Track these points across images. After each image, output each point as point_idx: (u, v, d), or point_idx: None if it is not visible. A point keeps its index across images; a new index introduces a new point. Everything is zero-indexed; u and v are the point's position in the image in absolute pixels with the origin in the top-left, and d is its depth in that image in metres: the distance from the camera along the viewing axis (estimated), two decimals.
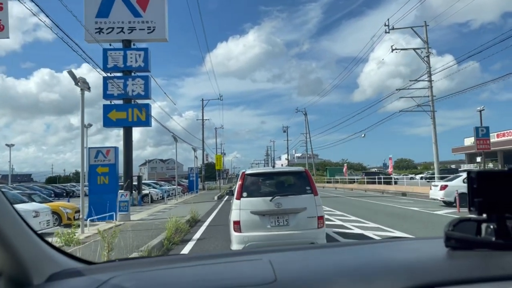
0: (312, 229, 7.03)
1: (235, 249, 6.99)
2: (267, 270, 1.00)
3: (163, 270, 1.13)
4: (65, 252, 1.26)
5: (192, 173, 43.99)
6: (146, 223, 14.37)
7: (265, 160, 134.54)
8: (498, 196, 0.94)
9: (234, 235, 7.03)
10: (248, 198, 7.12)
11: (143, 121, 26.38)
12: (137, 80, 26.44)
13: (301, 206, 7.07)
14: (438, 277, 0.84)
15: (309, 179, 7.50)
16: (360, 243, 1.52)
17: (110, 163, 16.10)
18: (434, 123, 29.06)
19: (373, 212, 16.01)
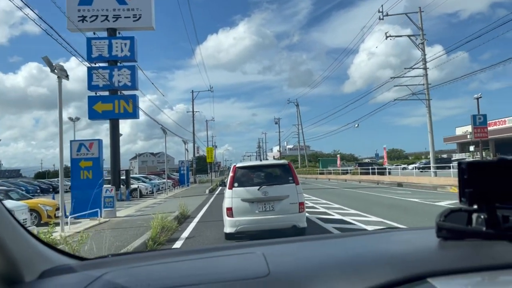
0: (294, 213, 8.20)
1: (228, 232, 8.15)
2: (261, 264, 1.00)
3: (156, 265, 1.12)
4: (57, 249, 1.26)
5: (182, 167, 43.04)
6: (133, 220, 13.53)
7: (257, 153, 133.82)
8: (488, 187, 0.94)
9: (227, 220, 8.18)
10: (239, 188, 8.25)
11: (130, 113, 25.40)
12: (123, 70, 25.40)
13: (284, 194, 8.20)
14: (430, 268, 0.84)
15: (291, 171, 8.58)
16: (352, 234, 1.51)
17: (94, 157, 15.16)
18: (429, 112, 28.42)
19: (372, 204, 15.30)
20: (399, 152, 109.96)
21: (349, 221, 10.77)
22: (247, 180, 8.58)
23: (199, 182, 54.87)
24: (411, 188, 24.16)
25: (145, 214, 15.37)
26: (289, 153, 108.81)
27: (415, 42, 28.74)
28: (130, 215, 15.47)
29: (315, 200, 17.95)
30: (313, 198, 18.78)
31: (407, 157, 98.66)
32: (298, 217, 8.22)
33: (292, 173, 8.55)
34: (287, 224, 8.17)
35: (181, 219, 12.63)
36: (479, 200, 0.96)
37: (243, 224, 8.09)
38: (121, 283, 0.97)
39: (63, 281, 1.05)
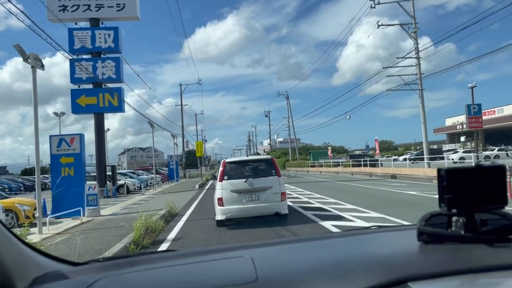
0: (277, 202, 9.32)
1: (219, 219, 9.31)
2: (249, 268, 1.01)
3: (146, 271, 1.14)
4: (48, 254, 1.26)
5: (172, 161, 42.07)
6: (117, 219, 12.73)
7: (247, 146, 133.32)
8: (466, 192, 0.96)
9: (218, 208, 9.31)
10: (228, 180, 9.35)
11: (116, 107, 24.45)
12: (107, 62, 24.39)
13: (268, 185, 9.35)
14: (410, 272, 0.86)
15: (274, 165, 9.82)
16: (337, 235, 1.59)
17: (75, 153, 14.28)
18: (422, 102, 27.89)
19: (370, 198, 14.68)
20: (389, 143, 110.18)
21: (348, 217, 10.09)
22: (235, 173, 9.64)
23: (189, 176, 53.99)
24: (406, 180, 23.66)
25: (131, 212, 14.58)
26: (280, 146, 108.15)
27: (408, 31, 28.11)
28: (115, 214, 14.68)
29: (309, 194, 17.30)
30: (307, 193, 18.14)
31: (397, 148, 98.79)
32: (281, 205, 9.46)
33: (275, 166, 9.80)
34: (270, 212, 9.48)
35: (168, 218, 11.87)
36: (458, 205, 0.99)
37: (232, 212, 9.29)
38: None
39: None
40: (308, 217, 10.47)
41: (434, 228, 1.03)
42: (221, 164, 10.09)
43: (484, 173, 0.97)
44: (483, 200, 0.98)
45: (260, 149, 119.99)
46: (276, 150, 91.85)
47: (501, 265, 0.87)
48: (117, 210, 16.04)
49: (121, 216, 13.56)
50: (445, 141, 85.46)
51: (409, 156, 45.78)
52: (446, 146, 75.85)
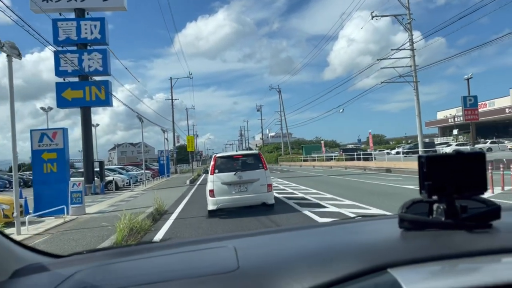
0: (264, 192, 10.09)
1: (210, 209, 10.04)
2: (231, 258, 1.02)
3: (128, 262, 1.13)
4: (30, 247, 1.26)
5: (162, 156, 41.35)
6: (103, 218, 12.06)
7: (239, 141, 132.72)
8: (446, 179, 0.97)
9: (209, 199, 10.05)
10: (219, 174, 10.10)
11: (103, 100, 23.65)
12: (94, 54, 23.56)
13: (255, 177, 10.09)
14: (390, 258, 0.86)
15: (261, 159, 10.57)
16: (320, 225, 1.65)
17: (58, 148, 13.54)
18: (417, 95, 27.45)
19: (368, 193, 14.14)
20: (380, 137, 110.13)
21: (347, 214, 9.54)
22: (225, 167, 10.41)
23: (180, 172, 53.23)
24: (401, 174, 23.20)
25: (118, 210, 13.88)
26: (272, 140, 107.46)
27: (402, 22, 27.59)
28: (101, 211, 13.98)
29: (304, 189, 16.72)
30: (302, 188, 17.57)
31: (388, 142, 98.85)
32: (267, 195, 10.28)
33: (261, 160, 10.59)
34: (258, 202, 10.25)
35: (156, 216, 11.20)
36: (438, 192, 0.99)
37: (222, 202, 10.04)
38: (92, 282, 0.96)
39: (34, 281, 1.04)
40: (306, 215, 9.89)
41: (415, 215, 1.04)
42: (212, 159, 10.98)
43: (464, 160, 0.98)
44: (463, 186, 0.99)
45: (252, 144, 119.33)
46: (269, 145, 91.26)
47: (480, 251, 0.88)
48: (103, 207, 15.35)
49: (107, 215, 12.88)
50: (437, 135, 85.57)
51: (402, 149, 45.53)
52: (437, 139, 75.79)
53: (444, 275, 0.82)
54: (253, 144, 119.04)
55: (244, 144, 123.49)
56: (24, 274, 1.07)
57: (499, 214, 1.00)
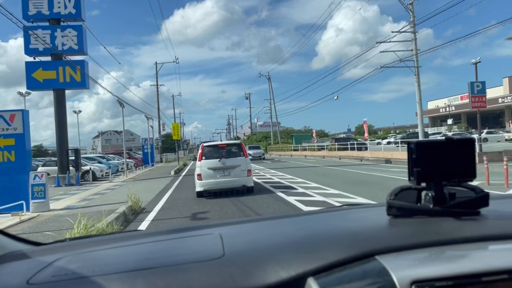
0: (244, 177, 11.74)
1: (198, 190, 11.70)
2: (217, 245, 1.01)
3: (112, 249, 1.11)
4: (10, 235, 1.24)
5: (146, 145, 39.13)
6: (69, 215, 10.08)
7: (227, 129, 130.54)
8: (435, 165, 0.96)
9: (197, 182, 11.70)
10: (206, 160, 11.78)
11: (79, 82, 21.47)
12: (68, 30, 21.28)
13: (237, 164, 11.78)
14: (378, 245, 0.86)
15: (242, 148, 12.27)
16: (308, 213, 1.60)
17: (17, 133, 11.48)
18: (418, 80, 25.78)
19: (382, 189, 12.42)
20: (369, 127, 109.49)
21: None
22: (211, 154, 11.88)
23: (165, 161, 51.17)
24: (403, 165, 21.58)
25: (90, 206, 11.97)
26: (260, 129, 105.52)
27: (403, 3, 25.77)
28: (69, 207, 12.01)
29: (302, 183, 14.90)
30: (299, 180, 15.76)
31: (376, 132, 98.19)
32: (247, 179, 11.79)
33: (242, 149, 12.19)
34: (239, 184, 11.64)
35: (129, 217, 9.27)
36: (427, 179, 0.98)
37: (208, 185, 11.52)
38: (73, 268, 0.95)
39: (13, 268, 1.02)
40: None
41: (403, 202, 1.02)
42: (200, 147, 12.61)
43: (453, 147, 0.97)
44: (452, 173, 0.98)
45: (240, 133, 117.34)
46: (257, 134, 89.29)
47: (468, 238, 0.88)
48: (73, 202, 13.36)
49: (74, 211, 10.92)
50: (427, 125, 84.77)
51: (393, 139, 44.16)
52: (428, 129, 74.58)
53: (432, 262, 0.81)
54: (241, 133, 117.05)
55: (232, 133, 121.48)
56: (3, 261, 1.05)
57: (487, 202, 0.99)
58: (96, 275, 0.88)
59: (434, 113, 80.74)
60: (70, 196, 15.36)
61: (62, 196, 15.47)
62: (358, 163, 26.13)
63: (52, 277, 0.91)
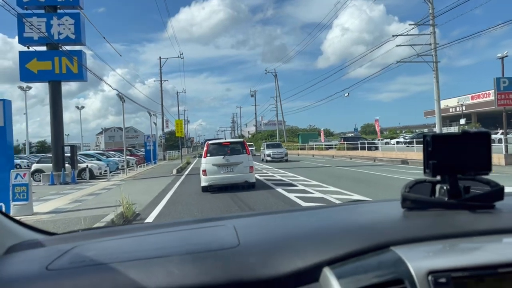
0: (246, 173, 12.52)
1: (203, 185, 12.41)
2: (231, 235, 1.00)
3: (127, 239, 1.11)
4: (25, 224, 1.24)
5: (149, 142, 37.76)
6: (52, 222, 8.75)
7: (232, 128, 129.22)
8: (451, 158, 0.96)
9: (203, 177, 12.40)
10: (211, 157, 12.52)
11: (75, 74, 20.12)
12: (65, 18, 19.93)
13: (240, 160, 12.49)
14: (393, 237, 0.87)
15: (245, 146, 13.14)
16: (320, 207, 1.60)
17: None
18: (436, 76, 24.27)
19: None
20: (374, 127, 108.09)
21: None
22: (216, 152, 12.59)
23: (168, 159, 49.80)
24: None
25: (79, 209, 10.61)
26: (265, 128, 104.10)
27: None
28: (56, 211, 10.65)
29: (317, 185, 13.47)
30: (314, 183, 14.31)
31: (382, 132, 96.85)
32: (249, 175, 12.58)
33: (245, 147, 12.91)
34: (241, 180, 12.39)
35: (119, 225, 7.86)
36: (442, 172, 0.98)
37: (213, 180, 12.26)
38: (91, 256, 0.95)
39: (30, 256, 1.02)
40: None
41: (418, 195, 1.03)
42: (205, 145, 13.25)
43: (469, 140, 0.96)
44: (467, 167, 0.97)
45: (245, 132, 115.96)
46: (262, 132, 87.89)
47: (482, 230, 0.88)
48: (62, 204, 11.99)
49: (61, 216, 9.58)
50: (435, 125, 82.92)
51: (403, 139, 42.55)
52: (436, 129, 72.81)
53: (447, 253, 0.82)
54: (245, 131, 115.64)
55: (237, 131, 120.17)
56: (19, 249, 1.06)
57: (502, 195, 0.99)
58: (113, 262, 0.88)
59: (444, 113, 78.91)
60: (61, 197, 14.00)
61: (52, 197, 14.12)
62: (372, 164, 24.64)
63: (70, 263, 0.91)
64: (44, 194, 15.05)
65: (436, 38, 23.61)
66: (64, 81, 20.55)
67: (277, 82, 63.68)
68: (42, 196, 14.49)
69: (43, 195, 14.98)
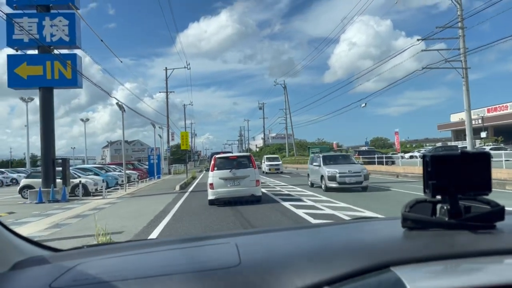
0: (253, 186, 12.60)
1: (210, 198, 12.48)
2: (233, 253, 1.01)
3: (131, 256, 1.12)
4: (31, 240, 1.26)
5: (152, 155, 35.73)
6: None
7: (239, 141, 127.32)
8: (451, 178, 0.96)
9: (210, 191, 12.49)
10: (218, 171, 12.67)
11: (69, 80, 18.23)
12: (58, 19, 18.11)
13: (246, 174, 12.61)
14: (393, 257, 0.86)
15: (251, 160, 13.24)
16: (322, 224, 1.57)
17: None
18: (466, 83, 22.03)
19: None
20: (384, 140, 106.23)
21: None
22: (223, 165, 12.84)
23: (174, 173, 47.77)
24: None
25: (52, 238, 8.53)
26: (272, 141, 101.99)
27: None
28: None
29: (356, 211, 11.23)
30: (358, 208, 12.07)
31: (391, 146, 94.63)
32: (255, 189, 12.71)
33: (252, 161, 13.19)
34: (248, 194, 12.54)
35: None
36: (442, 192, 0.98)
37: (220, 193, 12.44)
38: (94, 274, 0.95)
39: (35, 272, 1.03)
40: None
41: (418, 215, 1.02)
42: (213, 159, 13.42)
43: (469, 160, 0.96)
44: (467, 186, 0.97)
45: (252, 145, 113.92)
46: (271, 145, 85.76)
47: (483, 251, 0.87)
48: (38, 230, 9.89)
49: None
50: (450, 139, 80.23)
51: (417, 153, 40.13)
52: (451, 143, 70.11)
53: (447, 275, 0.82)
54: (253, 144, 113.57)
55: (244, 145, 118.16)
56: (24, 266, 1.07)
57: (503, 215, 0.98)
58: (116, 280, 0.89)
59: (458, 126, 76.31)
60: (42, 219, 11.92)
61: (32, 219, 12.06)
62: (397, 180, 22.36)
63: (73, 281, 0.92)
64: (24, 215, 13.00)
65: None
66: (56, 87, 18.61)
67: (286, 93, 61.79)
68: (20, 218, 12.44)
69: (24, 216, 12.93)
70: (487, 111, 65.99)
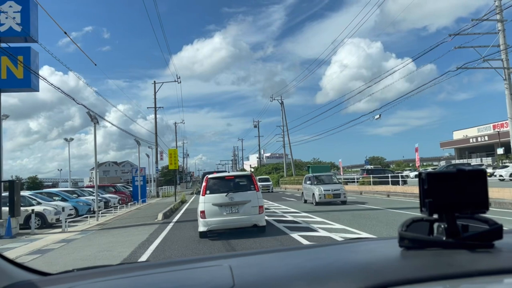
0: (255, 214, 10.06)
1: (201, 230, 9.99)
2: (226, 276, 0.99)
3: (121, 279, 1.08)
4: (19, 264, 1.22)
5: (137, 176, 31.53)
6: None
7: (233, 161, 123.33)
8: (448, 196, 0.95)
9: (200, 220, 9.99)
10: (210, 195, 10.07)
11: (20, 80, 14.31)
12: (8, 4, 14.30)
13: (247, 199, 10.09)
14: (390, 277, 0.85)
15: (253, 180, 10.56)
16: (317, 245, 1.54)
17: None
18: (509, 85, 18.40)
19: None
20: (380, 160, 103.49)
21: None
22: (217, 188, 10.22)
23: (162, 195, 43.53)
24: (502, 208, 13.95)
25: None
26: (267, 161, 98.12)
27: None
28: None
29: None
30: None
31: (388, 165, 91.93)
32: (259, 217, 10.10)
33: (253, 182, 10.51)
34: (249, 223, 10.08)
35: None
36: (439, 210, 0.96)
37: (213, 224, 9.89)
38: None
39: None
40: None
41: (415, 234, 1.00)
42: (204, 180, 10.62)
43: (465, 178, 0.95)
44: (464, 205, 0.95)
45: (247, 165, 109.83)
46: (267, 165, 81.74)
47: (482, 271, 0.86)
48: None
49: None
50: (453, 157, 76.88)
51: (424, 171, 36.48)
52: (455, 161, 66.46)
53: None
54: (247, 164, 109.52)
55: (238, 165, 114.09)
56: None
57: (501, 234, 0.96)
58: None
59: (463, 144, 72.74)
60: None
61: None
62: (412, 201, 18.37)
63: None
64: None
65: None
66: (4, 89, 14.65)
67: (283, 110, 58.13)
68: None
69: None
70: (492, 127, 62.77)
